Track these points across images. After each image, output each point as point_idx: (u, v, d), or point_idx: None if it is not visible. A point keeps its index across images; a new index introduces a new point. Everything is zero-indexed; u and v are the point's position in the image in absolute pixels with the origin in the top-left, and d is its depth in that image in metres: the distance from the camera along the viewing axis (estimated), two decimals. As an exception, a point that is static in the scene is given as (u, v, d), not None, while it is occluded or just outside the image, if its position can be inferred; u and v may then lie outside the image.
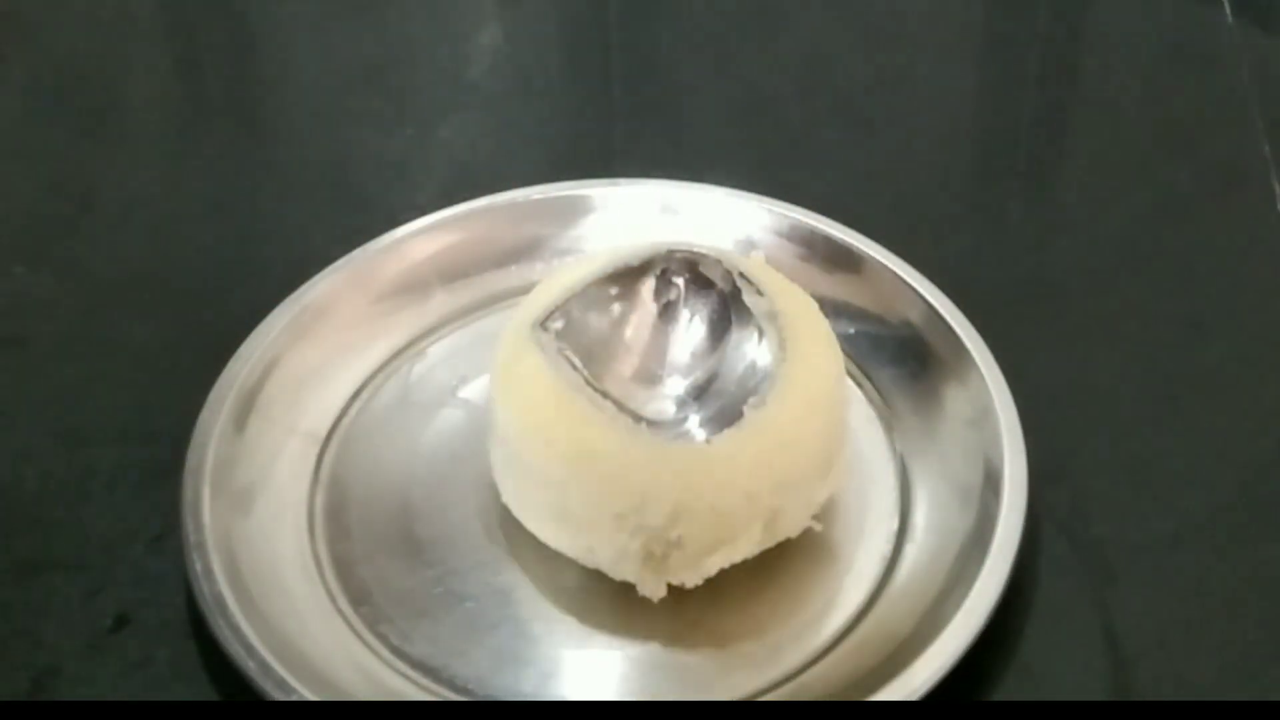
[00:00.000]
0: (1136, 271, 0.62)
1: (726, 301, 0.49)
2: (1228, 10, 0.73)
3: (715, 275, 0.50)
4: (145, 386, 0.58)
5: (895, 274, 0.56)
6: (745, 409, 0.47)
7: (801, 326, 0.49)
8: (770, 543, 0.48)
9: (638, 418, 0.47)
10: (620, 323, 0.50)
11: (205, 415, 0.52)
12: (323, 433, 0.55)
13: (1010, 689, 0.47)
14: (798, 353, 0.48)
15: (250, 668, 0.46)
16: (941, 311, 0.55)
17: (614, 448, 0.46)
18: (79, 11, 0.78)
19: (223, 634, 0.46)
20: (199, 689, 0.48)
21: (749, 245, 0.57)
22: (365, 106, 0.72)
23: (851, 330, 0.56)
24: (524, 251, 0.60)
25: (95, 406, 0.57)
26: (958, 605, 0.46)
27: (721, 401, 0.49)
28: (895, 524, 0.51)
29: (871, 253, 0.57)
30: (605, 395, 0.47)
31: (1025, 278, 0.62)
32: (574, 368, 0.47)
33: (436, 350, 0.58)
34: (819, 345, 0.49)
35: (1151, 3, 0.75)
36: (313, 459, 0.54)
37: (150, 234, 0.65)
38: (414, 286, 0.59)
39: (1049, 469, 0.51)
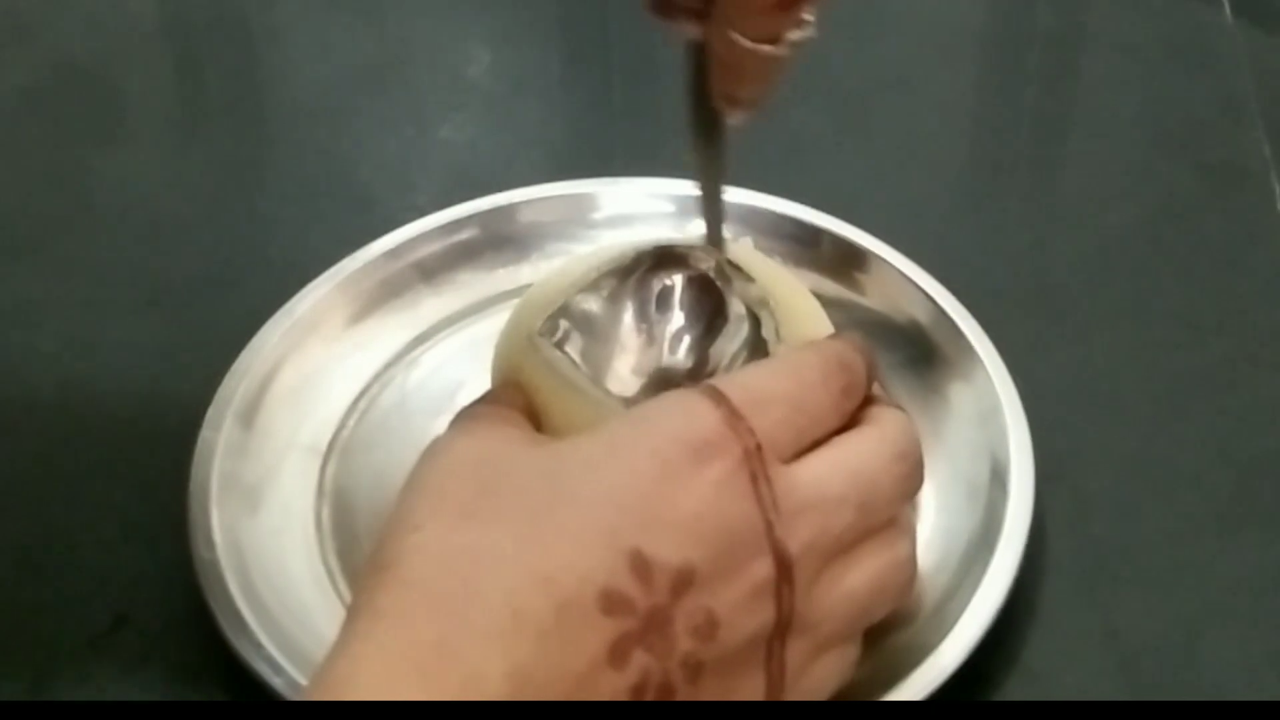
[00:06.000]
0: (1137, 271, 0.62)
1: (719, 291, 0.49)
2: (1228, 10, 0.73)
3: (705, 266, 0.50)
4: (146, 386, 0.58)
5: (900, 272, 0.56)
6: None
7: (794, 309, 0.49)
8: None
9: None
10: (616, 321, 0.49)
11: (205, 434, 0.52)
12: (323, 445, 0.54)
13: (1011, 689, 0.47)
14: (793, 336, 0.48)
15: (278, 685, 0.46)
16: (946, 309, 0.55)
17: None
18: (79, 11, 0.78)
19: (247, 656, 0.46)
20: (198, 689, 0.48)
21: (748, 239, 0.57)
22: (365, 106, 0.72)
23: (852, 328, 0.56)
24: (511, 255, 0.60)
25: (95, 406, 0.57)
26: (963, 607, 0.46)
27: None
28: None
29: (876, 250, 0.57)
30: (609, 395, 0.47)
31: (1025, 278, 0.62)
32: (577, 370, 0.47)
33: (430, 358, 0.58)
34: (813, 327, 0.49)
35: (1151, 3, 0.75)
36: (315, 472, 0.53)
37: (150, 234, 0.65)
38: (403, 294, 0.59)
39: (1050, 469, 0.51)
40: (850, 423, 0.43)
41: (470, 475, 0.40)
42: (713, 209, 0.50)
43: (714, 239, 0.50)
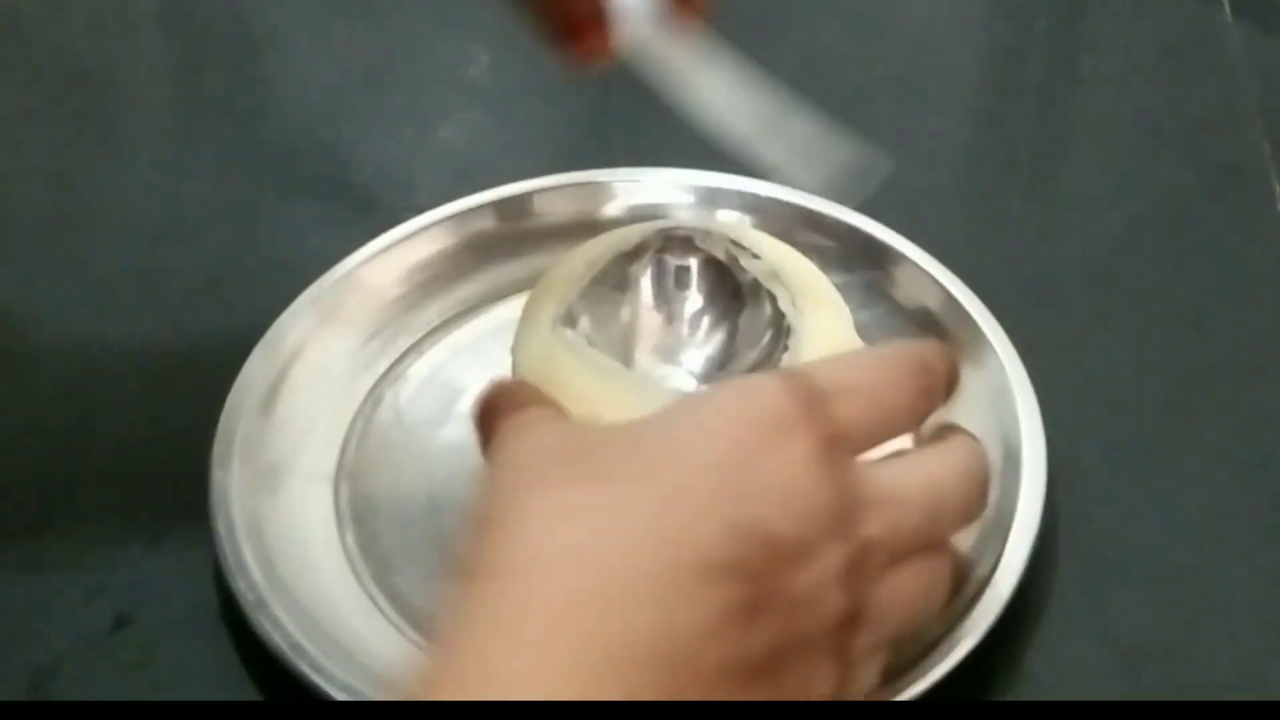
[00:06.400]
0: (1137, 271, 0.61)
1: (728, 270, 0.49)
2: (1228, 10, 0.73)
3: (711, 247, 0.50)
4: (146, 386, 0.58)
5: (911, 260, 0.56)
6: (782, 363, 0.47)
7: (805, 280, 0.49)
8: None
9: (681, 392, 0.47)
10: (631, 307, 0.50)
11: (218, 476, 0.51)
12: (330, 472, 0.53)
13: (1011, 689, 0.47)
14: (810, 304, 0.48)
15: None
16: (955, 293, 0.55)
17: None
18: (79, 11, 0.78)
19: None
20: (198, 689, 0.48)
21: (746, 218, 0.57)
22: (365, 106, 0.72)
23: (866, 315, 0.55)
24: (494, 258, 0.59)
25: (95, 406, 0.57)
26: (972, 603, 0.46)
27: (748, 363, 0.49)
28: None
29: (885, 238, 0.57)
30: (647, 377, 0.47)
31: (1024, 279, 0.61)
32: (610, 356, 0.47)
33: (417, 370, 0.57)
34: (826, 295, 0.49)
35: (1151, 3, 0.75)
36: (329, 500, 0.53)
37: (150, 234, 0.65)
38: (379, 311, 0.58)
39: (1050, 469, 0.51)
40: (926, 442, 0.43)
41: (560, 448, 0.39)
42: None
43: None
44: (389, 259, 0.59)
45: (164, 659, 0.49)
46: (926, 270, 0.56)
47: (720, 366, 0.50)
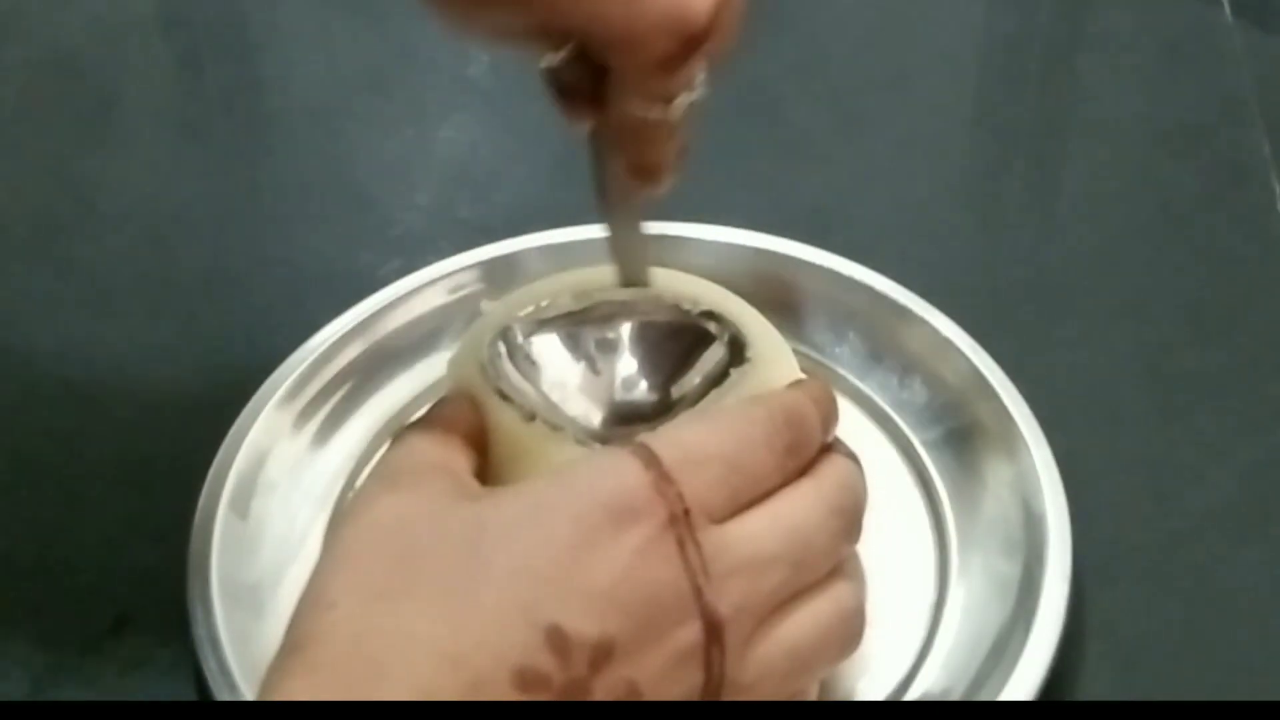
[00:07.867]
0: (1136, 271, 0.62)
1: (677, 326, 0.49)
2: (1228, 10, 0.73)
3: (664, 302, 0.49)
4: (146, 385, 0.58)
5: (937, 329, 0.55)
6: (731, 377, 0.46)
7: (755, 338, 0.48)
8: None
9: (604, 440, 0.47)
10: (570, 345, 0.49)
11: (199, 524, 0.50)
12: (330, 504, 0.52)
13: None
14: (755, 334, 0.47)
15: None
16: (967, 352, 0.53)
17: None
18: (79, 11, 0.78)
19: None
20: (199, 689, 0.48)
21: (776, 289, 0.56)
22: (365, 107, 0.72)
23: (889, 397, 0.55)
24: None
25: (96, 406, 0.57)
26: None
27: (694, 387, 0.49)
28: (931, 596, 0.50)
29: (882, 288, 0.56)
30: (553, 425, 0.45)
31: (1023, 278, 0.62)
32: (521, 398, 0.46)
33: None
34: (766, 326, 0.49)
35: (1151, 3, 0.75)
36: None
37: (150, 234, 0.65)
38: (385, 364, 0.56)
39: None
40: (794, 473, 0.42)
41: (389, 544, 0.39)
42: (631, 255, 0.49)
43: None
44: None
45: (164, 659, 0.49)
46: (908, 306, 0.55)
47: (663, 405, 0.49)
